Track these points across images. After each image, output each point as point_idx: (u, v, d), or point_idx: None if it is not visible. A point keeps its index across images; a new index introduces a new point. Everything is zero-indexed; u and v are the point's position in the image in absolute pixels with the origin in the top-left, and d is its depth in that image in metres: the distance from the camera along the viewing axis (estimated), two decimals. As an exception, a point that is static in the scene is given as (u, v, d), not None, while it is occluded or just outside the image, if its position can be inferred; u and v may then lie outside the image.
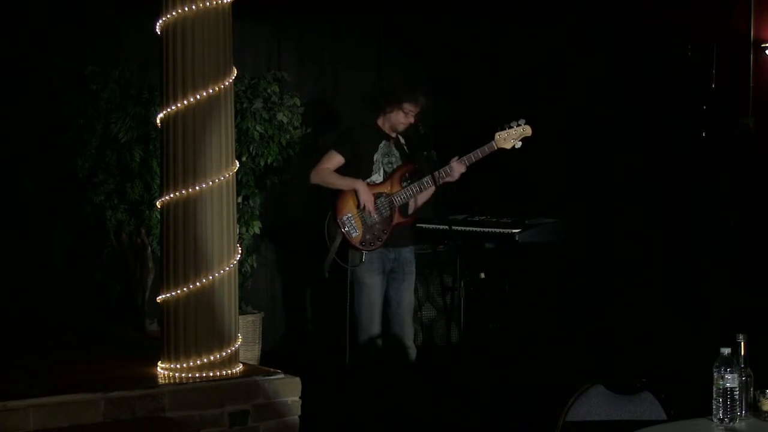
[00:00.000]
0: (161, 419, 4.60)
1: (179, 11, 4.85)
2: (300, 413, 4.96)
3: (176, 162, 4.90)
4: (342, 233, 5.78)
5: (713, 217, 7.54)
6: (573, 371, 6.30)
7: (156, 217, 6.49)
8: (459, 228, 6.89)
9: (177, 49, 4.87)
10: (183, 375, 4.86)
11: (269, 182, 7.03)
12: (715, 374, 3.19)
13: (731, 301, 7.15)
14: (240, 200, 6.74)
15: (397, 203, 5.87)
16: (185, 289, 4.89)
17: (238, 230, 6.03)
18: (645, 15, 7.80)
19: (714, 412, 3.20)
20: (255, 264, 7.11)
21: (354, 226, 5.81)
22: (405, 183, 5.92)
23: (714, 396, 3.19)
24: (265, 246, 7.63)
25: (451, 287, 6.69)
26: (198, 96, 4.86)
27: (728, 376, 3.16)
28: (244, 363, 5.18)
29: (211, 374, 4.88)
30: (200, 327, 4.90)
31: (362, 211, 5.81)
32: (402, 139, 6.02)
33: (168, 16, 4.88)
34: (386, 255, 5.88)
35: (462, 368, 6.49)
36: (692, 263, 7.60)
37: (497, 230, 6.89)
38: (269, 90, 6.85)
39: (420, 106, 5.90)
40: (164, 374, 4.92)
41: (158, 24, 4.96)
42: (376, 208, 5.83)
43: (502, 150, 5.90)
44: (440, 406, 5.98)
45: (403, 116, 5.89)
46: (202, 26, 4.87)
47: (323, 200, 6.01)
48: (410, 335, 6.01)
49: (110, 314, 6.99)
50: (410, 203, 5.96)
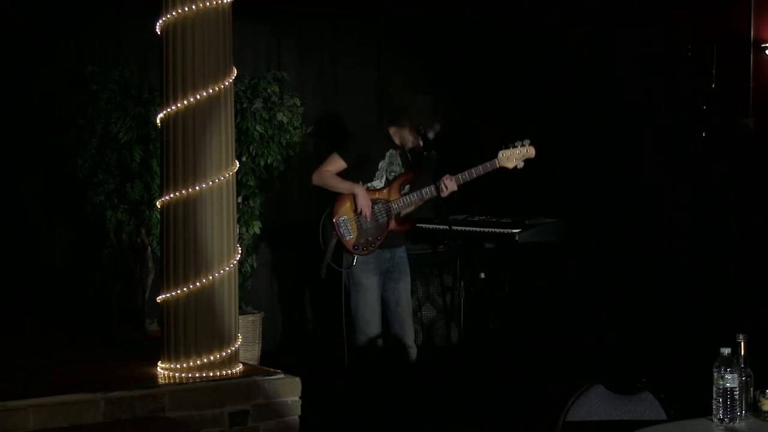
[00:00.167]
0: (161, 419, 4.60)
1: (179, 11, 4.84)
2: (300, 413, 4.96)
3: (176, 162, 4.90)
4: (336, 234, 5.79)
5: (713, 217, 7.54)
6: (573, 371, 6.30)
7: (156, 217, 6.48)
8: (459, 228, 6.89)
9: (177, 49, 4.87)
10: (183, 375, 4.86)
11: (270, 183, 7.03)
12: (715, 374, 3.19)
13: (731, 301, 7.15)
14: (240, 200, 6.74)
15: (395, 211, 5.87)
16: (185, 289, 4.89)
17: (238, 230, 6.03)
18: (645, 15, 7.81)
19: (714, 412, 3.20)
20: (255, 264, 7.11)
21: (349, 229, 5.81)
22: (404, 191, 5.92)
23: (714, 396, 3.19)
24: (265, 246, 7.62)
25: (451, 287, 6.69)
26: (198, 96, 4.85)
27: (728, 376, 3.16)
28: (244, 363, 5.18)
29: (211, 374, 4.88)
30: (200, 327, 4.90)
31: (359, 215, 5.81)
32: (408, 154, 6.03)
33: (168, 16, 4.88)
34: (382, 255, 5.89)
35: (462, 368, 6.49)
36: (692, 263, 7.60)
37: (497, 230, 6.88)
38: (269, 90, 6.85)
39: (435, 134, 5.89)
40: (164, 374, 4.92)
41: (158, 24, 4.96)
42: (373, 214, 5.83)
43: (504, 169, 5.89)
44: (440, 406, 5.99)
45: (415, 139, 5.89)
46: (202, 26, 4.87)
47: (323, 200, 6.00)
48: (411, 334, 6.01)
49: (110, 314, 6.98)
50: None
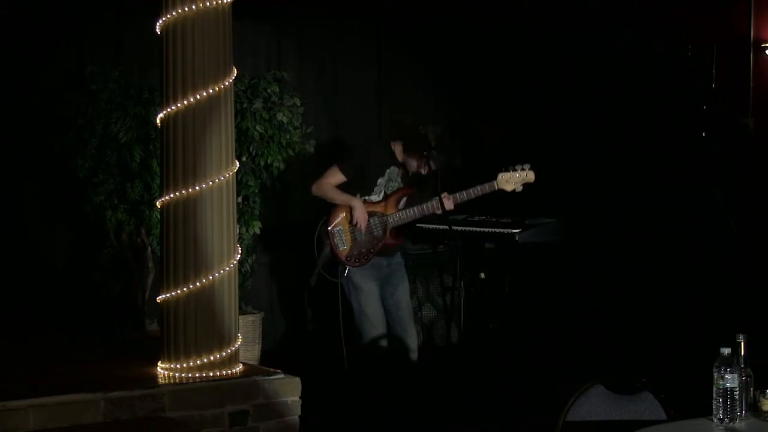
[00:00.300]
0: (161, 419, 4.60)
1: (179, 11, 4.84)
2: (300, 413, 4.96)
3: (176, 162, 4.90)
4: (330, 244, 5.79)
5: (713, 217, 7.54)
6: (573, 371, 6.30)
7: (156, 217, 6.48)
8: (459, 228, 6.87)
9: (177, 49, 4.87)
10: (183, 375, 4.86)
11: (270, 183, 7.03)
12: (715, 374, 3.19)
13: (731, 301, 7.15)
14: (240, 200, 6.74)
15: (390, 224, 5.86)
16: (185, 289, 4.89)
17: (238, 230, 6.03)
18: (645, 15, 7.81)
19: (714, 412, 3.20)
20: (255, 264, 7.11)
21: (343, 240, 5.81)
22: (401, 206, 5.91)
23: (714, 396, 3.19)
24: (265, 246, 7.62)
25: (451, 287, 6.68)
26: (198, 96, 4.85)
27: (728, 376, 3.16)
28: (244, 363, 5.18)
29: (211, 374, 4.88)
30: (200, 327, 4.90)
31: (354, 227, 5.81)
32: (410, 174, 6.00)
33: (168, 16, 4.88)
34: (379, 262, 5.89)
35: (462, 368, 6.49)
36: (692, 263, 7.60)
37: (497, 230, 6.87)
38: (269, 90, 6.84)
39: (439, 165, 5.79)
40: (164, 374, 4.92)
41: (158, 24, 4.95)
42: (368, 227, 5.82)
43: (502, 191, 5.87)
44: (440, 406, 5.99)
45: (419, 163, 5.85)
46: (202, 26, 4.87)
47: (323, 201, 5.99)
48: (413, 336, 6.00)
49: (110, 314, 6.98)
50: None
